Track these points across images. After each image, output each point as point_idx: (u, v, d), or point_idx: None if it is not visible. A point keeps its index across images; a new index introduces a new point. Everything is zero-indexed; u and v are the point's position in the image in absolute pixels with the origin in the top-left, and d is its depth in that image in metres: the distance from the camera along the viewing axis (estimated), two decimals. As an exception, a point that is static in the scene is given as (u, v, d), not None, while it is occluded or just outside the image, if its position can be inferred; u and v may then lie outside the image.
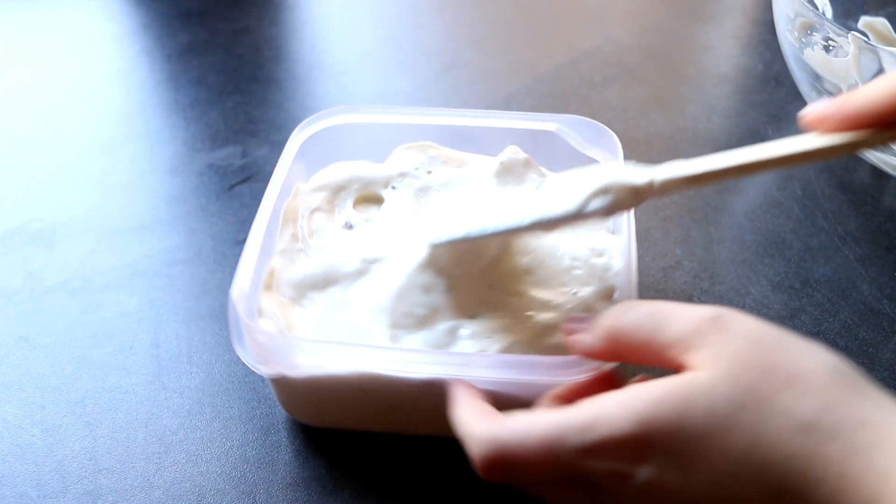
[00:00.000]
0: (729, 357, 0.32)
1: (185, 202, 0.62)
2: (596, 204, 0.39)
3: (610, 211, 0.39)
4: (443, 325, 0.45)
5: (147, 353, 0.52)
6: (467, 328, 0.44)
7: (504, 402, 0.40)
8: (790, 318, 0.53)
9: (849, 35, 0.54)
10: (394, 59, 0.75)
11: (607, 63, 0.74)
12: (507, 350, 0.43)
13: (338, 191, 0.52)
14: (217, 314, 0.54)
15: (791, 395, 0.31)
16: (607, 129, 0.52)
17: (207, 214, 0.61)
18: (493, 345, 0.44)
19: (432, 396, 0.41)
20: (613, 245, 0.49)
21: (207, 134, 0.67)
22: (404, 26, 0.80)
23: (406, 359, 0.41)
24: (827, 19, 0.56)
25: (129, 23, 0.81)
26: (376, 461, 0.46)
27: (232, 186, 0.63)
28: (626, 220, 0.47)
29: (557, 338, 0.44)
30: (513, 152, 0.52)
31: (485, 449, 0.34)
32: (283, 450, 0.47)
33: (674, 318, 0.34)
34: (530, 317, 0.45)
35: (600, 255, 0.48)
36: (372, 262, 0.47)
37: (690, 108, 0.69)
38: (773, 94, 0.70)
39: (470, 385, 0.39)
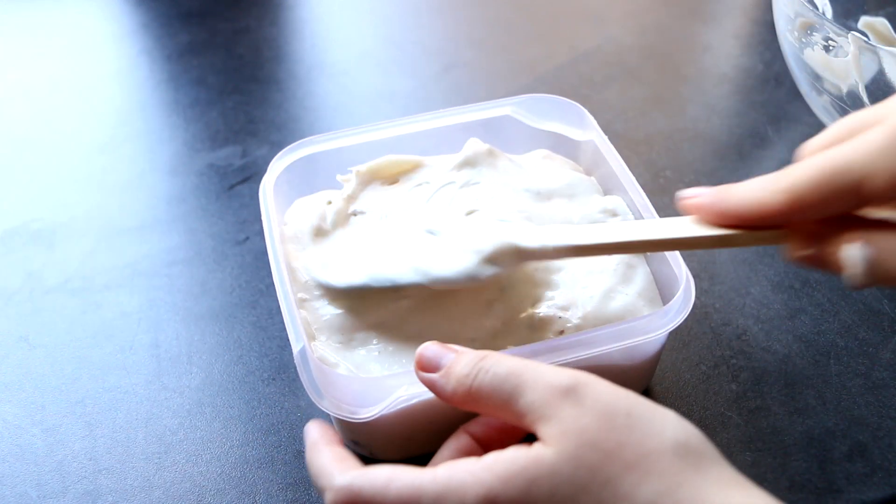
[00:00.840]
0: (577, 435, 0.33)
1: (185, 202, 0.62)
2: (487, 271, 0.42)
3: (499, 273, 0.42)
4: (513, 321, 0.45)
5: (147, 353, 0.52)
6: (535, 316, 0.45)
7: (605, 372, 0.42)
8: (790, 318, 0.53)
9: (849, 35, 0.53)
10: (394, 59, 0.75)
11: (607, 63, 0.74)
12: (584, 323, 0.44)
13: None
14: (217, 314, 0.54)
15: (633, 477, 0.32)
16: (566, 100, 0.53)
17: (207, 214, 0.61)
18: (566, 324, 0.45)
19: None
20: (619, 203, 0.50)
21: (207, 134, 0.67)
22: (404, 26, 0.80)
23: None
24: (827, 19, 0.56)
25: (129, 23, 0.81)
26: (375, 461, 0.46)
27: (232, 186, 0.63)
28: (624, 177, 0.49)
29: (619, 300, 0.46)
30: (474, 145, 0.52)
31: (339, 497, 0.34)
32: (283, 450, 0.47)
33: (529, 386, 0.34)
34: (586, 286, 0.46)
35: (614, 214, 0.50)
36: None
37: (690, 108, 0.69)
38: (773, 94, 0.70)
39: (328, 428, 0.39)
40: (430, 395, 0.40)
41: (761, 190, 0.35)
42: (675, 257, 0.45)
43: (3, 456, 0.47)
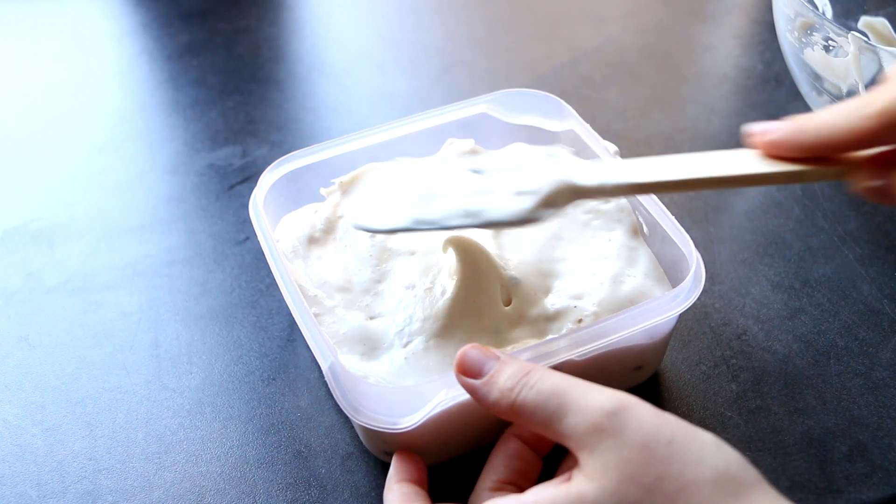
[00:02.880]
0: (617, 469, 0.33)
1: (185, 202, 0.62)
2: (544, 213, 0.40)
3: (555, 213, 0.40)
4: (531, 314, 0.45)
5: (147, 353, 0.52)
6: (550, 308, 0.46)
7: (629, 353, 0.43)
8: (790, 318, 0.53)
9: (849, 35, 0.53)
10: (394, 59, 0.75)
11: (607, 63, 0.74)
12: (600, 311, 0.45)
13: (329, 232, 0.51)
14: (217, 314, 0.54)
15: None
16: (540, 92, 0.54)
17: (207, 214, 0.61)
18: (583, 312, 0.45)
19: None
20: None
21: (207, 134, 0.67)
22: (404, 26, 0.80)
23: (536, 353, 0.41)
24: (827, 19, 0.56)
25: (129, 23, 0.81)
26: (375, 461, 0.46)
27: (232, 186, 0.63)
28: (606, 156, 0.50)
29: (629, 283, 0.46)
30: (457, 145, 0.53)
31: None
32: (283, 450, 0.47)
33: (572, 409, 0.35)
34: (594, 273, 0.47)
35: (607, 200, 0.50)
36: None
37: (690, 108, 0.69)
38: (773, 94, 0.70)
39: (409, 461, 0.41)
40: (467, 397, 0.40)
41: (847, 116, 0.35)
42: (680, 235, 0.46)
43: (3, 456, 0.47)
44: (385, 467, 0.46)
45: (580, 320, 0.45)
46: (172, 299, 0.55)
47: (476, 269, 0.46)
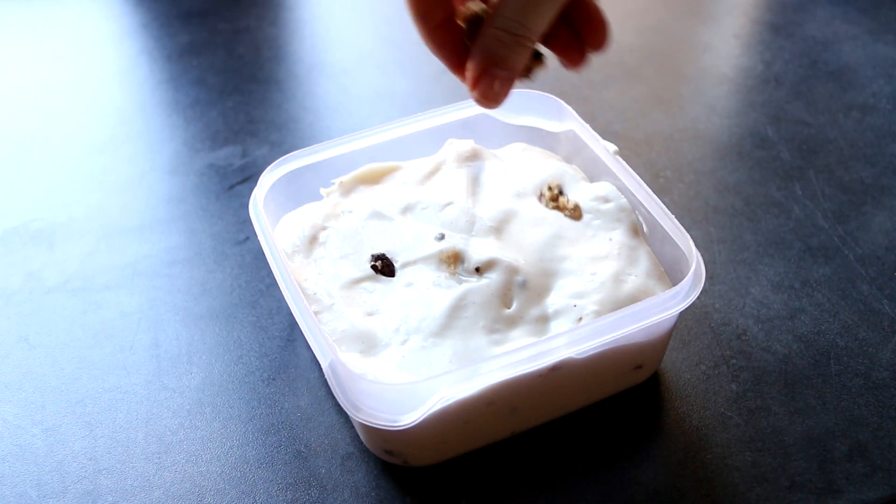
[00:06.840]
0: None
1: (185, 202, 0.62)
2: None
3: None
4: (531, 314, 0.45)
5: (147, 353, 0.52)
6: (550, 307, 0.46)
7: (620, 354, 0.44)
8: (790, 318, 0.53)
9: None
10: (394, 59, 0.75)
11: (607, 63, 0.74)
12: (601, 310, 0.45)
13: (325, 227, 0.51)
14: (217, 314, 0.54)
15: None
16: (540, 93, 0.54)
17: (207, 214, 0.61)
18: (583, 311, 0.45)
19: (556, 380, 0.43)
20: (610, 189, 0.51)
21: (207, 134, 0.67)
22: (404, 26, 0.80)
23: (536, 352, 0.41)
24: None
25: (129, 23, 0.81)
26: (375, 461, 0.46)
27: (232, 186, 0.63)
28: (612, 162, 0.50)
29: (630, 283, 0.46)
30: (456, 145, 0.53)
31: None
32: (283, 450, 0.47)
33: None
34: (595, 272, 0.47)
35: (607, 200, 0.50)
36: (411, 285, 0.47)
37: (690, 108, 0.69)
38: (773, 94, 0.70)
39: None
40: (467, 394, 0.40)
41: None
42: (680, 234, 0.46)
43: (3, 456, 0.47)
44: (385, 467, 0.46)
45: (580, 319, 0.45)
46: (172, 299, 0.55)
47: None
